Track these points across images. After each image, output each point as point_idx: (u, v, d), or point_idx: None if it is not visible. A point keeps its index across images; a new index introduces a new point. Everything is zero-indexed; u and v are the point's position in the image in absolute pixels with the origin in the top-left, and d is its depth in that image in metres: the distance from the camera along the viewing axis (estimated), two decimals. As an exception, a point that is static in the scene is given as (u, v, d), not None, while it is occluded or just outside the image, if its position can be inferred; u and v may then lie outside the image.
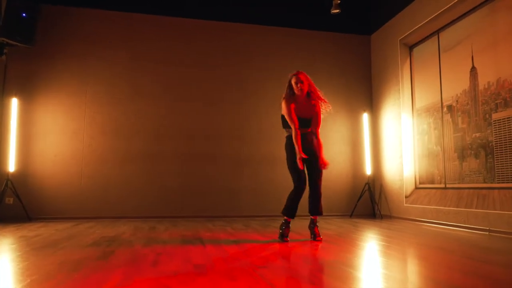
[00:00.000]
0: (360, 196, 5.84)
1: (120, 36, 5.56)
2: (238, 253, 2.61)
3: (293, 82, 3.35)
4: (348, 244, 3.10)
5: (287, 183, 5.86)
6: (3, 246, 2.97)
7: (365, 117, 6.05)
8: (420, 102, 5.12)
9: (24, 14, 4.80)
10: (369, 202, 5.90)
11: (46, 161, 5.17)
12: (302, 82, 3.30)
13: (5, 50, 5.01)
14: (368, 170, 5.95)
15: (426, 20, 4.86)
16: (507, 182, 3.71)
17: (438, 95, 4.74)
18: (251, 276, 1.94)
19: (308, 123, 3.35)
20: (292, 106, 3.31)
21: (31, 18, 4.88)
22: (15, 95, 5.05)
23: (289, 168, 3.35)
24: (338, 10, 5.03)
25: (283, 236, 3.23)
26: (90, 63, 5.41)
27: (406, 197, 5.28)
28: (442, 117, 4.67)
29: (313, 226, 3.34)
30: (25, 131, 5.12)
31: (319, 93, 3.43)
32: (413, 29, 5.14)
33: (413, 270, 2.27)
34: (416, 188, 5.15)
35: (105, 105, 5.42)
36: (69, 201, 5.17)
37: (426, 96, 4.99)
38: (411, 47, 5.37)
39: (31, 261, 2.34)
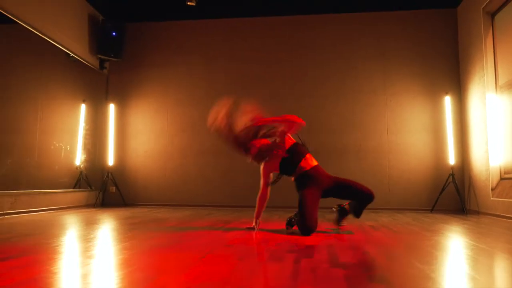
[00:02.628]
0: (443, 189, 5.23)
1: (194, 43, 6.15)
2: (230, 235, 2.76)
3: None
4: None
5: (362, 172, 5.64)
6: (108, 221, 3.72)
7: (447, 100, 5.39)
8: (503, 78, 4.36)
9: (114, 33, 5.74)
10: (454, 195, 5.23)
11: (138, 157, 6.07)
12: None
13: (105, 65, 6.06)
14: (452, 159, 5.28)
15: (506, -19, 4.13)
16: None
17: (519, 67, 3.98)
18: (199, 250, 2.10)
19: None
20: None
21: (120, 36, 5.80)
22: (112, 101, 6.07)
23: None
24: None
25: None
26: (170, 69, 6.13)
27: (492, 189, 4.55)
28: (524, 93, 3.91)
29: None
30: (121, 132, 6.10)
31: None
32: (495, -7, 4.41)
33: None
34: (501, 179, 4.39)
35: (185, 106, 6.07)
36: (156, 190, 5.97)
37: (509, 69, 4.22)
38: (493, 15, 4.59)
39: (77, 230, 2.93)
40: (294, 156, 3.04)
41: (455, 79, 5.55)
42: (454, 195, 5.23)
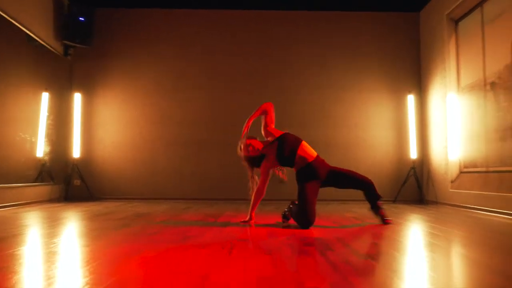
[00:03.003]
0: (405, 181, 5.62)
1: (166, 32, 6.00)
2: (232, 230, 2.81)
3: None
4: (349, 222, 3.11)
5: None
6: (62, 218, 3.53)
7: (411, 98, 5.77)
8: (465, 80, 4.77)
9: (82, 18, 5.43)
10: (414, 187, 5.65)
11: (105, 148, 5.84)
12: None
13: (69, 51, 5.73)
14: (414, 154, 5.69)
15: (471, -9, 4.50)
16: (547, 165, 3.36)
17: (481, 71, 4.38)
18: (222, 246, 2.13)
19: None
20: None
21: (88, 22, 5.50)
22: (78, 90, 5.76)
23: None
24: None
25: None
26: (140, 59, 5.94)
27: (451, 182, 4.98)
28: (485, 95, 4.32)
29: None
30: (87, 122, 5.82)
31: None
32: (459, 2, 4.77)
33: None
34: (461, 172, 4.83)
35: (154, 97, 5.92)
36: (125, 183, 5.79)
37: (471, 73, 4.63)
38: (456, 21, 4.99)
39: (61, 228, 2.79)
40: (285, 146, 3.10)
41: (417, 79, 5.95)
42: (414, 187, 5.65)
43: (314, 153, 3.16)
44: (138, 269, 1.65)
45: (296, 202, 3.12)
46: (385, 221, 3.11)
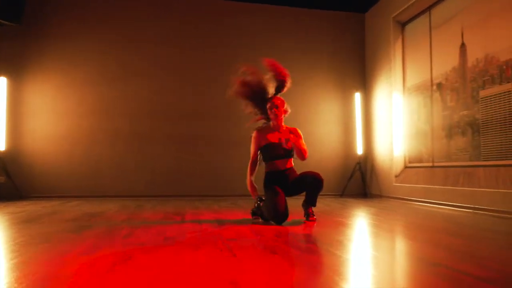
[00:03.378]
0: (351, 176, 5.84)
1: (112, 16, 5.52)
2: (213, 228, 2.64)
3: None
4: (328, 221, 3.11)
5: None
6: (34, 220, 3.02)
7: (357, 96, 6.01)
8: (411, 81, 5.07)
9: (10, -8, 4.74)
10: (360, 182, 5.90)
11: (36, 140, 5.20)
12: (277, 107, 3.14)
13: (-7, 29, 4.98)
14: (360, 150, 5.93)
15: (419, -4, 4.77)
16: (492, 160, 3.69)
17: (428, 73, 4.68)
18: (216, 246, 1.96)
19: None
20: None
21: (17, -4, 4.82)
22: (4, 74, 5.04)
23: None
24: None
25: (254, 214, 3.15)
26: (80, 42, 5.38)
27: (396, 176, 5.28)
28: (431, 95, 4.62)
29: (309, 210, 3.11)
30: (15, 110, 5.13)
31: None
32: (406, 6, 5.05)
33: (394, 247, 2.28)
34: (406, 167, 5.14)
35: (96, 85, 5.41)
36: (60, 179, 5.22)
37: (417, 74, 4.93)
38: (403, 24, 5.28)
39: (7, 233, 2.37)
40: (270, 151, 3.10)
41: (364, 78, 6.21)
42: (360, 181, 5.90)
43: (289, 165, 3.18)
44: (148, 278, 1.43)
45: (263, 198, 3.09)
46: (310, 219, 3.05)
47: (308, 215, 3.08)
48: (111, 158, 5.38)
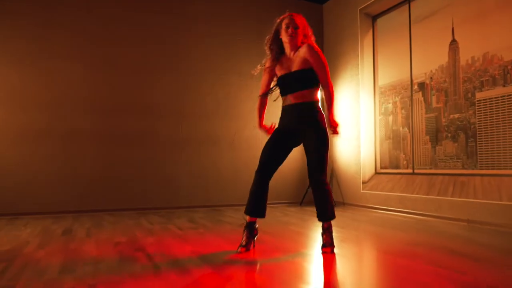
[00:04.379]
0: (312, 182, 5.28)
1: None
2: (219, 280, 1.78)
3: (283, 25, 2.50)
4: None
5: (234, 167, 5.15)
6: None
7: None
8: (384, 79, 4.65)
9: None
10: (321, 187, 5.38)
11: None
12: (296, 27, 2.47)
13: None
14: (321, 153, 5.39)
15: (395, -13, 4.35)
16: (491, 169, 3.37)
17: (407, 71, 4.28)
18: None
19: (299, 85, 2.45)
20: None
21: None
22: None
23: None
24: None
25: (240, 245, 2.38)
26: (-29, 5, 3.95)
27: (363, 182, 4.84)
28: (411, 95, 4.24)
29: (322, 232, 2.39)
30: None
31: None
32: (377, -3, 4.62)
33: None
34: (377, 173, 4.72)
35: (2, 66, 4.04)
36: None
37: (392, 72, 4.52)
38: (374, 17, 4.85)
39: None
40: (283, 86, 2.52)
41: (324, 74, 5.68)
42: (320, 187, 5.37)
43: (299, 100, 2.48)
44: None
45: None
46: (323, 249, 2.34)
47: (324, 243, 2.37)
48: (18, 162, 4.06)
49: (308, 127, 2.40)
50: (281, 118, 2.55)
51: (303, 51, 2.41)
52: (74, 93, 4.34)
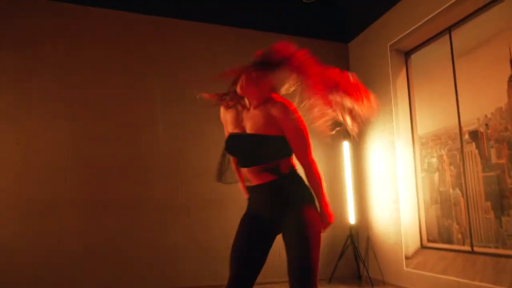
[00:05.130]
0: (341, 254, 4.29)
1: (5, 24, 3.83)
2: None
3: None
4: None
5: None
6: None
7: (346, 146, 4.59)
8: (425, 128, 3.72)
9: None
10: (354, 261, 4.37)
11: None
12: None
13: None
14: (352, 218, 4.43)
15: (431, 15, 3.54)
16: None
17: (453, 116, 3.35)
18: None
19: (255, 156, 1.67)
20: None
21: None
22: None
23: None
24: (312, -1, 3.61)
25: None
26: None
27: (406, 258, 3.79)
28: (461, 148, 3.27)
29: None
30: None
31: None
32: (411, 29, 3.82)
33: None
34: (423, 247, 3.66)
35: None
36: None
37: (435, 118, 3.60)
38: (407, 53, 4.02)
39: None
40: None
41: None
42: (354, 261, 4.36)
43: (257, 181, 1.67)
44: None
45: None
46: None
47: None
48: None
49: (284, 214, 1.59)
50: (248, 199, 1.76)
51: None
52: (53, 152, 3.80)
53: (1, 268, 3.46)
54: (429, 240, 3.59)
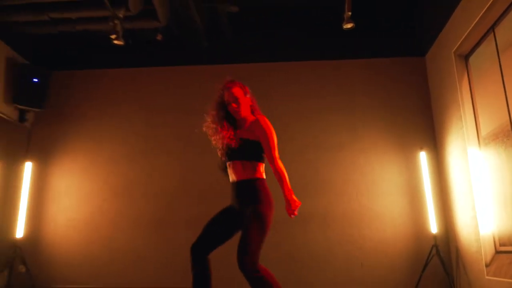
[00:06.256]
0: (426, 264, 4.26)
1: (130, 92, 5.35)
2: None
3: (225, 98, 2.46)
4: None
5: (329, 246, 4.63)
6: None
7: (423, 156, 4.62)
8: (486, 128, 3.63)
9: (35, 80, 4.91)
10: (440, 272, 4.26)
11: (58, 227, 4.94)
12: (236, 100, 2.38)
13: (27, 116, 5.15)
14: (434, 227, 4.38)
15: (479, 17, 3.57)
16: None
17: (504, 112, 3.26)
18: None
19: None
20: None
21: (42, 83, 4.97)
22: (31, 159, 5.06)
23: None
24: (351, 25, 4.04)
25: None
26: (103, 122, 5.24)
27: (486, 265, 3.62)
28: (514, 143, 3.15)
29: None
30: (38, 195, 5.02)
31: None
32: (466, 34, 3.84)
33: None
34: (497, 252, 3.48)
35: (119, 164, 5.11)
36: (77, 268, 4.79)
37: (491, 117, 3.51)
38: (466, 57, 4.00)
39: None
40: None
41: (430, 133, 4.84)
42: (440, 271, 4.26)
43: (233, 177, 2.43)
44: None
45: None
46: None
47: None
48: (130, 244, 4.81)
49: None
50: None
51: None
52: (172, 182, 4.98)
53: (136, 267, 4.71)
54: (500, 244, 3.41)
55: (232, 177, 2.35)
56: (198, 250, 2.30)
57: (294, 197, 2.15)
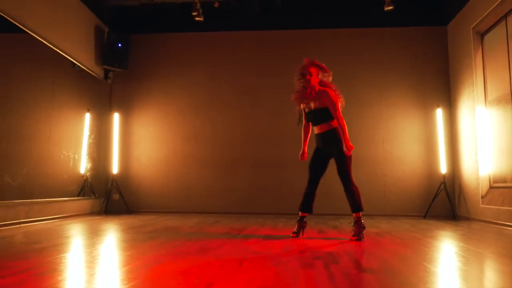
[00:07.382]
0: (435, 196, 5.54)
1: (197, 54, 6.34)
2: (253, 242, 2.97)
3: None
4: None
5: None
6: (100, 230, 3.86)
7: (439, 112, 5.72)
8: (492, 94, 4.70)
9: (120, 45, 5.89)
10: (446, 203, 5.56)
11: (141, 165, 6.20)
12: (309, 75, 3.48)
13: (109, 75, 6.20)
14: (443, 168, 5.61)
15: (495, 4, 4.47)
16: None
17: (508, 84, 4.31)
18: (238, 258, 2.30)
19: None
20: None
21: (125, 47, 5.95)
22: (117, 110, 6.20)
23: None
24: (391, 7, 4.93)
25: (293, 232, 3.37)
26: (173, 80, 6.30)
27: (482, 197, 4.88)
28: (512, 109, 4.24)
29: (353, 223, 3.26)
30: (125, 140, 6.23)
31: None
32: (485, 15, 4.74)
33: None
34: (491, 187, 4.72)
35: (187, 115, 6.24)
36: (158, 197, 6.11)
37: (498, 86, 4.56)
38: (482, 35, 4.95)
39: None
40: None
41: (446, 93, 5.90)
42: (445, 202, 5.55)
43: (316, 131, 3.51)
44: (154, 276, 1.86)
45: None
46: (351, 238, 3.19)
47: (352, 231, 3.22)
48: (200, 178, 6.10)
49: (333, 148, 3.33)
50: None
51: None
52: (232, 130, 6.15)
53: (204, 196, 6.02)
54: (494, 182, 4.64)
55: (317, 130, 3.42)
56: (313, 182, 3.43)
57: (350, 143, 3.28)
